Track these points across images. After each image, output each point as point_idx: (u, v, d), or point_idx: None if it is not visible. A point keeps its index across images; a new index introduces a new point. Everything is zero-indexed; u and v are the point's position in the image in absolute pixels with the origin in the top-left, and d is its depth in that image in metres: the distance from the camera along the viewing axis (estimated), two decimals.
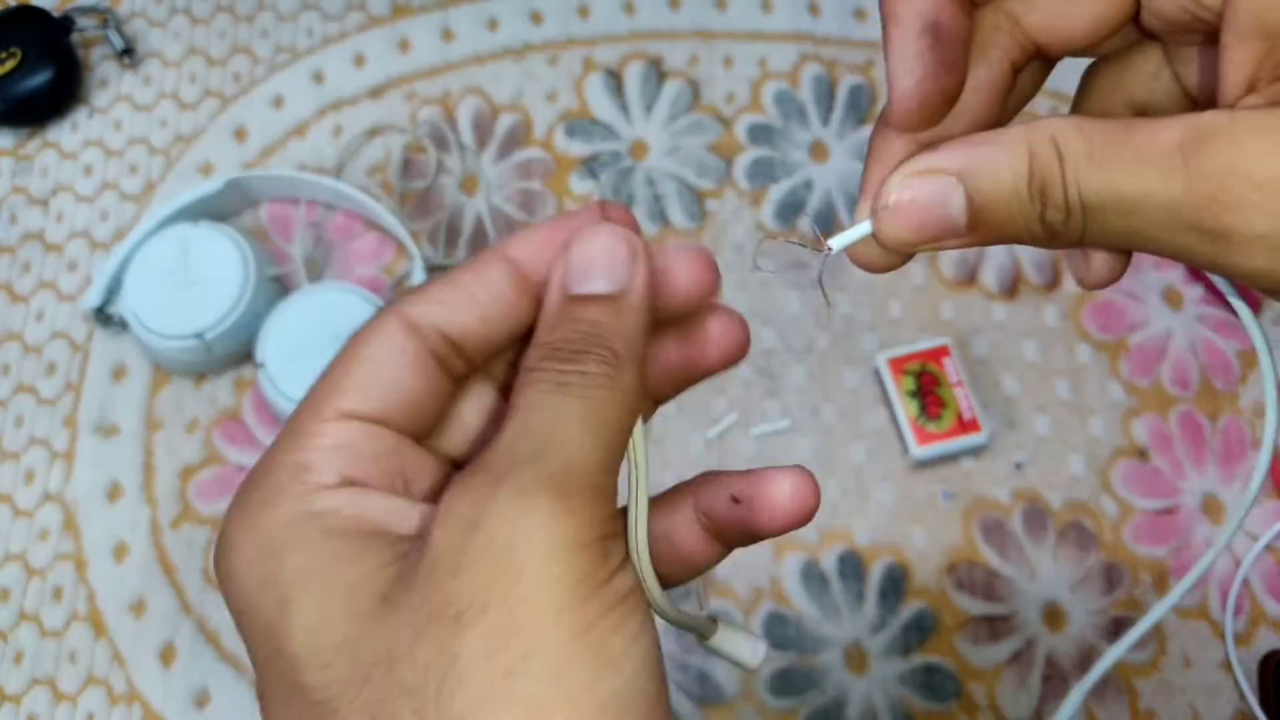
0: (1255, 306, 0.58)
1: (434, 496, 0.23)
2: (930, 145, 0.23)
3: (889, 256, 0.24)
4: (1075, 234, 0.22)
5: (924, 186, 0.23)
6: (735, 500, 0.25)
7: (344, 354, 0.23)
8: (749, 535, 0.25)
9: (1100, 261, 0.26)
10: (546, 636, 0.19)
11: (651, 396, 0.27)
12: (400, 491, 0.23)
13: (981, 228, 0.23)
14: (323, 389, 0.23)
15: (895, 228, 0.23)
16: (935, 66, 0.23)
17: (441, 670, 0.19)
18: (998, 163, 0.22)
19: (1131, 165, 0.21)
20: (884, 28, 0.23)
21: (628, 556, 0.22)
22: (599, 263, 0.23)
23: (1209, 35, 0.23)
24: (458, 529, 0.20)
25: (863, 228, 0.24)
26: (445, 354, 0.24)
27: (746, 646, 0.28)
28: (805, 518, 0.25)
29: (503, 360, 0.26)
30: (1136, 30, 0.25)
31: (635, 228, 0.24)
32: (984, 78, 0.24)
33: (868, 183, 0.25)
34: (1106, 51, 0.26)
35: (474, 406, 0.26)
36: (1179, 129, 0.21)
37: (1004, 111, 0.26)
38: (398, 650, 0.19)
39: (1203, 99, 0.25)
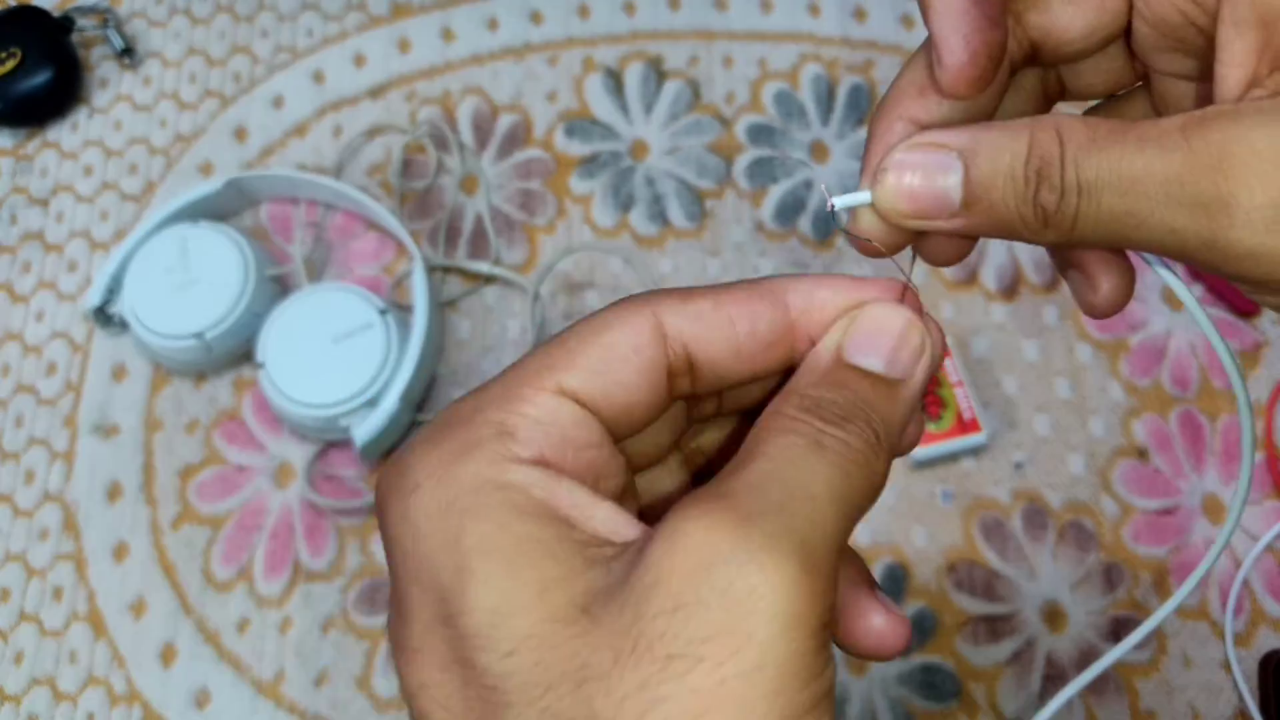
0: (1255, 307, 0.58)
1: (619, 501, 0.22)
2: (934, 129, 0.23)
3: (888, 234, 0.24)
4: (1067, 220, 0.22)
5: (924, 158, 0.23)
6: None
7: (582, 328, 0.22)
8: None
9: (1107, 285, 0.25)
10: (755, 714, 0.18)
11: None
12: (590, 486, 0.22)
13: (974, 207, 0.23)
14: (549, 356, 0.22)
15: (893, 197, 0.23)
16: (981, 21, 0.23)
17: (639, 710, 0.18)
18: (999, 144, 0.22)
19: (1133, 145, 0.21)
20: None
21: (831, 643, 0.21)
22: (888, 341, 0.23)
23: (1197, 59, 0.24)
24: (689, 561, 0.19)
25: (864, 194, 0.24)
26: (681, 371, 0.23)
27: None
28: (880, 658, 0.24)
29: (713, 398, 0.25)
30: (1126, 53, 0.25)
31: (926, 321, 0.24)
32: None
33: (868, 163, 0.25)
34: (1102, 93, 0.26)
35: (668, 429, 0.25)
36: (1181, 118, 0.21)
37: (1000, 114, 0.26)
38: (593, 669, 0.18)
39: None
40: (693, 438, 0.27)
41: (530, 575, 0.19)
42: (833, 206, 0.25)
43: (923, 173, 0.23)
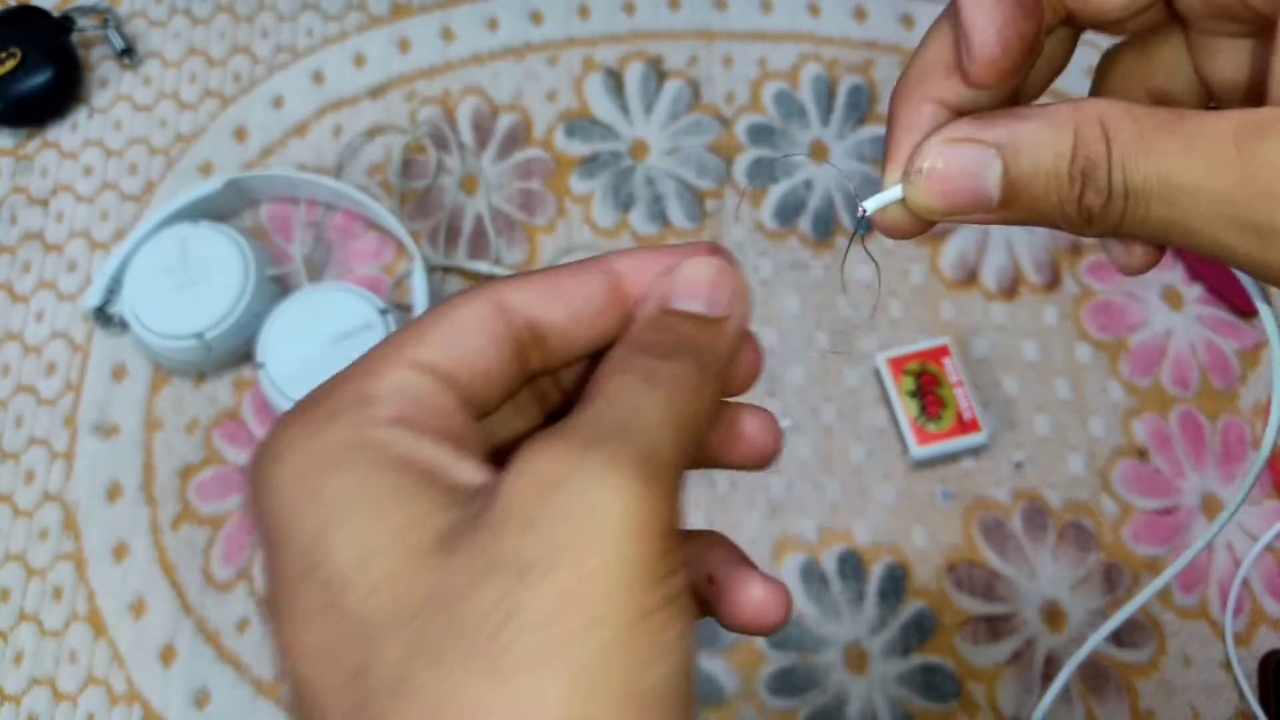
0: (1255, 307, 0.58)
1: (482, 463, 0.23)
2: (966, 114, 0.23)
3: (915, 223, 0.24)
4: (1112, 221, 0.22)
5: (961, 154, 0.22)
6: (710, 580, 0.25)
7: (429, 313, 0.24)
8: (709, 614, 0.25)
9: (1142, 250, 0.25)
10: (611, 612, 0.19)
11: None
12: (451, 447, 0.23)
13: (1014, 204, 0.22)
14: (400, 337, 0.23)
15: (926, 195, 0.23)
16: (1015, 9, 0.22)
17: (499, 620, 0.19)
18: (1041, 139, 0.22)
19: (1183, 152, 0.20)
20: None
21: (680, 562, 0.22)
22: (704, 287, 0.24)
23: (1245, 24, 0.23)
24: (536, 486, 0.20)
25: (894, 192, 0.24)
26: (527, 342, 0.24)
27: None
28: (765, 630, 0.25)
29: (554, 382, 0.27)
30: (1166, 11, 0.24)
31: (739, 273, 0.25)
32: None
33: (895, 149, 0.24)
34: (1131, 33, 0.25)
35: (522, 415, 0.26)
36: (1233, 121, 0.20)
37: (1030, 79, 0.25)
38: (453, 592, 0.19)
39: (1227, 94, 0.25)
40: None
41: (390, 518, 0.20)
42: (864, 211, 0.25)
43: (959, 171, 0.22)
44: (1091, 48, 0.26)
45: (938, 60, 0.24)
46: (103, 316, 0.56)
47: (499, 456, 0.25)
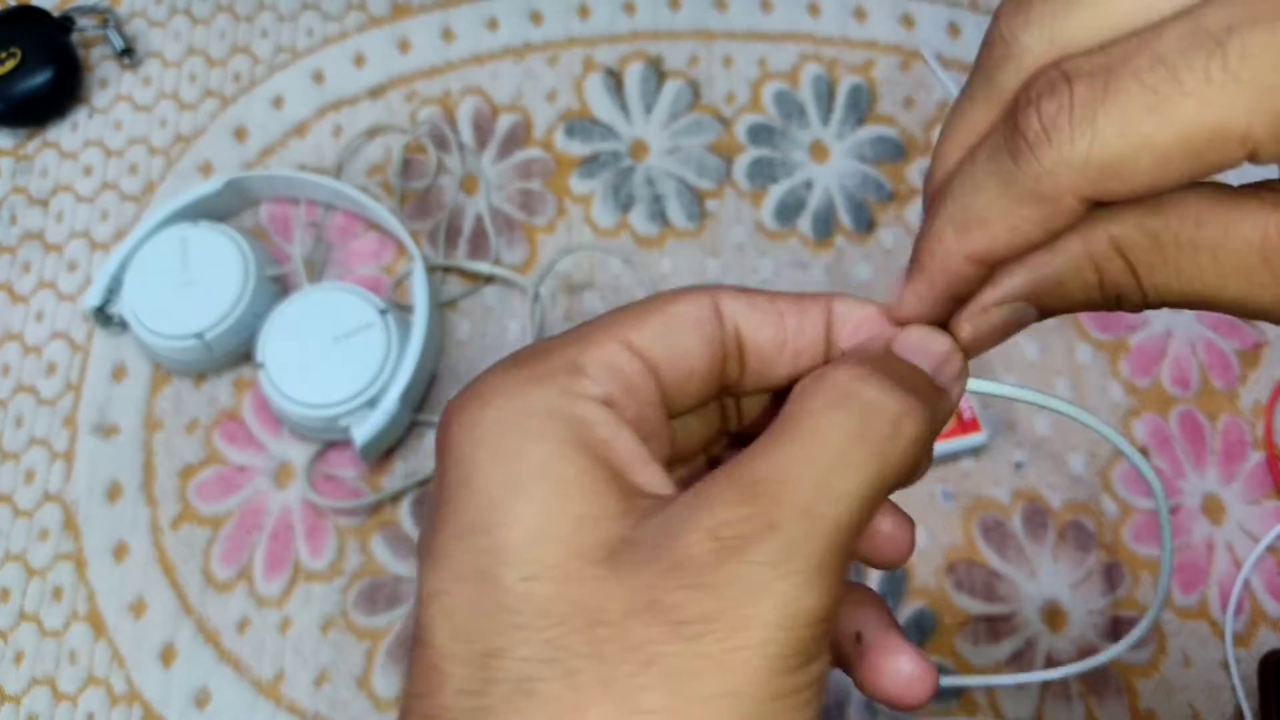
0: None
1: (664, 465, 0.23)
2: (986, 269, 0.23)
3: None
4: (1139, 305, 0.22)
5: (999, 315, 0.23)
6: (858, 638, 0.24)
7: (649, 300, 0.24)
8: (844, 670, 0.25)
9: None
10: (747, 689, 0.19)
11: None
12: (643, 443, 0.23)
13: (1051, 315, 0.23)
14: (617, 318, 0.23)
15: (980, 348, 0.24)
16: (941, 310, 0.24)
17: (642, 660, 0.19)
18: (1065, 283, 0.22)
19: (1213, 274, 0.20)
20: (914, 265, 0.23)
21: (829, 635, 0.22)
22: (933, 354, 0.24)
23: None
24: (712, 544, 0.20)
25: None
26: (732, 354, 0.24)
27: None
28: (905, 706, 0.24)
29: (737, 402, 0.26)
30: None
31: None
32: None
33: (920, 297, 0.24)
34: None
35: (705, 424, 0.26)
36: (1257, 228, 0.19)
37: None
38: (607, 614, 0.19)
39: None
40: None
41: (573, 508, 0.20)
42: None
43: (1003, 328, 0.23)
44: None
45: (970, 210, 0.22)
46: (103, 316, 0.56)
47: (675, 459, 0.26)
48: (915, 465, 0.22)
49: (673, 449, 0.25)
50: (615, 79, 0.64)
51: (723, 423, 0.27)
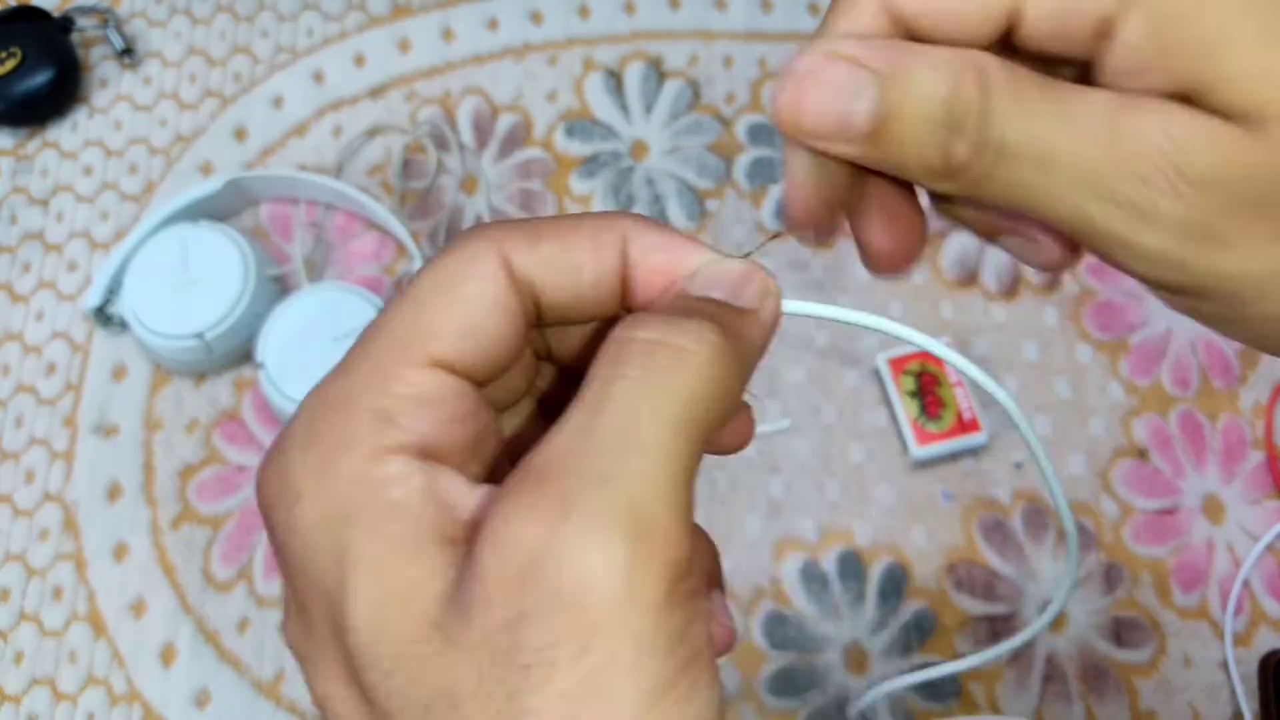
0: None
1: (494, 477, 0.21)
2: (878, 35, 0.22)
3: (816, 184, 0.23)
4: (973, 176, 0.21)
5: (839, 72, 0.21)
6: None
7: (433, 280, 0.21)
8: None
9: (1049, 241, 0.24)
10: (626, 697, 0.17)
11: None
12: (471, 462, 0.21)
13: (878, 140, 0.21)
14: (410, 323, 0.21)
15: (793, 102, 0.21)
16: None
17: None
18: (921, 76, 0.20)
19: (1057, 116, 0.20)
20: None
21: (698, 591, 0.20)
22: (730, 280, 0.22)
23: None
24: (512, 566, 0.18)
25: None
26: (530, 313, 0.22)
27: None
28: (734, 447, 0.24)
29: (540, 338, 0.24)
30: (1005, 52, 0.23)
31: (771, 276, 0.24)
32: None
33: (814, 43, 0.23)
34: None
35: (522, 375, 0.24)
36: (1111, 97, 0.20)
37: None
38: (462, 690, 0.18)
39: None
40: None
41: (398, 584, 0.19)
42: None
43: (833, 88, 0.21)
44: None
45: None
46: (103, 316, 0.56)
47: (502, 407, 0.24)
48: (725, 393, 0.20)
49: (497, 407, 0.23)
50: (615, 79, 0.64)
51: (531, 374, 0.25)
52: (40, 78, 0.61)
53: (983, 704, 0.51)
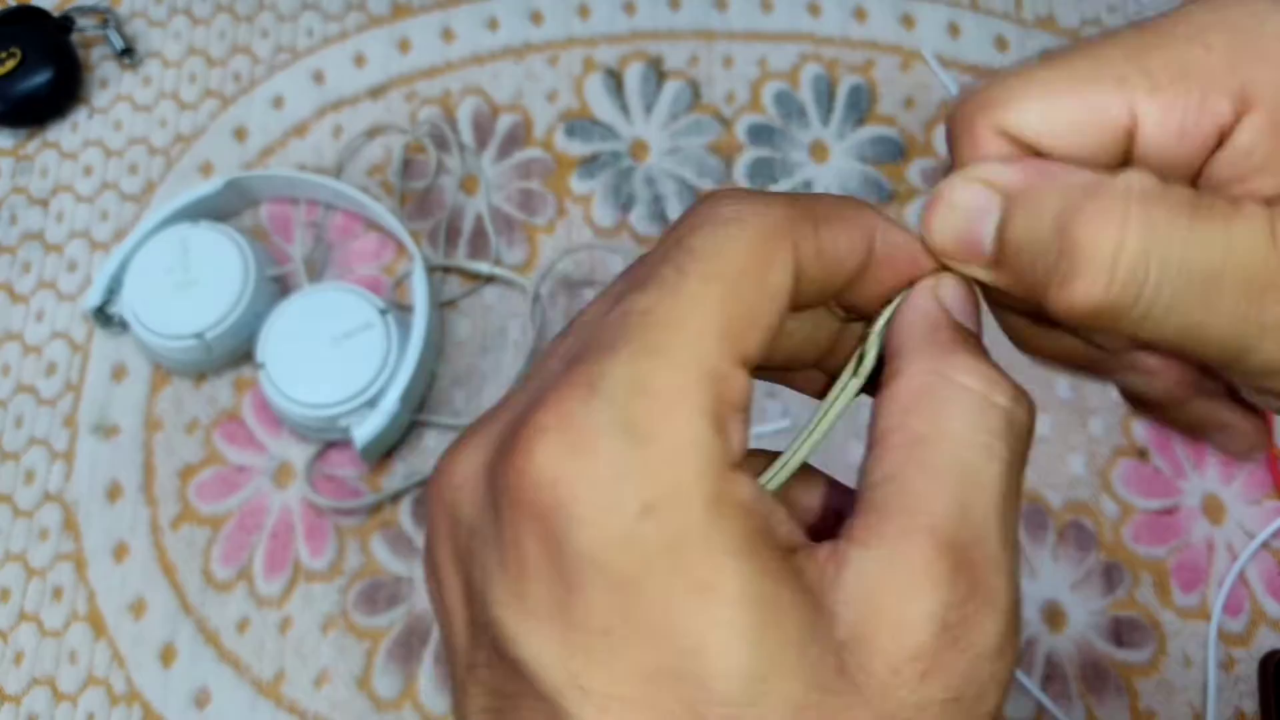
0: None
1: None
2: (1012, 150, 0.21)
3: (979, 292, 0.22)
4: (1111, 309, 0.20)
5: (969, 193, 0.21)
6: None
7: (739, 261, 0.18)
8: None
9: (1242, 428, 0.23)
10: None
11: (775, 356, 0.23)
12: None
13: (1003, 267, 0.20)
14: (728, 309, 0.18)
15: (933, 224, 0.21)
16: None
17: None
18: (1044, 201, 0.19)
19: (1222, 231, 0.18)
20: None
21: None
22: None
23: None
24: (905, 657, 0.17)
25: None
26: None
27: None
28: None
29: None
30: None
31: None
32: None
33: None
34: None
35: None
36: (1256, 205, 0.19)
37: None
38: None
39: None
40: None
41: (785, 626, 0.16)
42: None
43: (964, 208, 0.20)
44: None
45: (1017, 83, 0.21)
46: (103, 316, 0.56)
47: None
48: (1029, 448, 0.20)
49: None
50: (615, 79, 0.64)
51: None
52: (40, 78, 0.61)
53: None
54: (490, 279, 0.59)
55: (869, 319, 0.23)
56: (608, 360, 0.17)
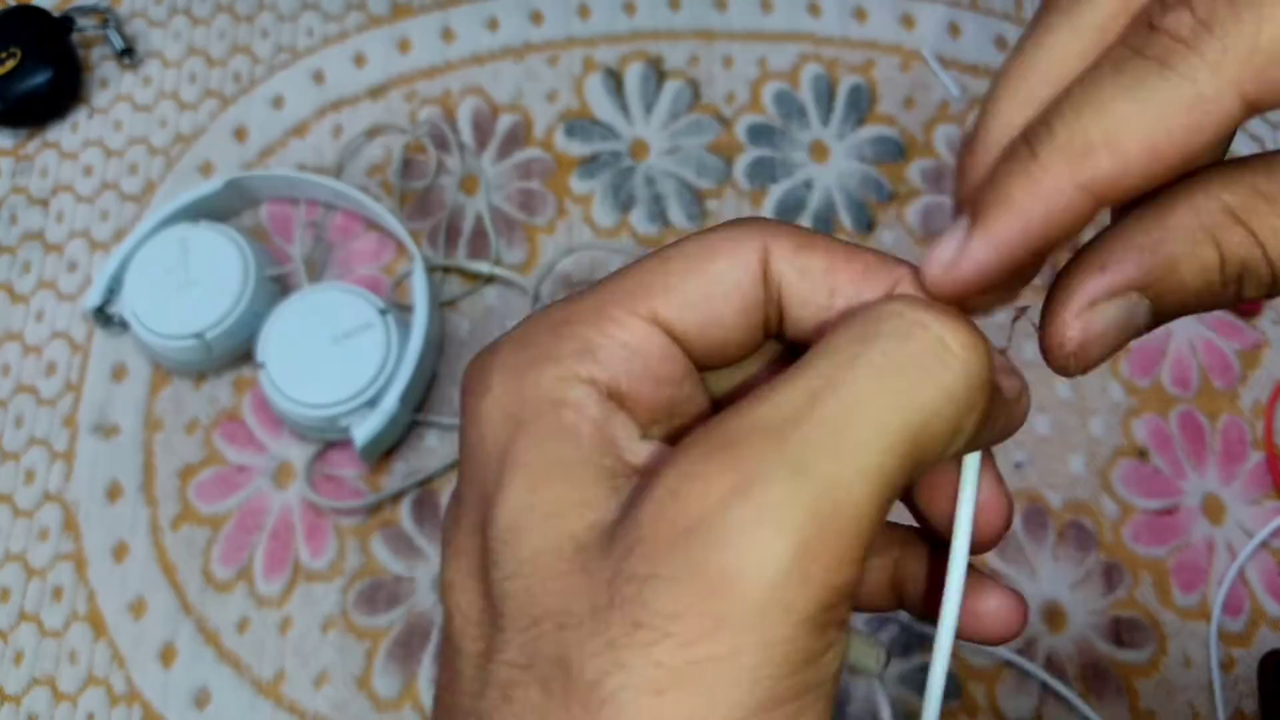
0: (1255, 307, 0.58)
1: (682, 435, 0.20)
2: (1087, 253, 0.20)
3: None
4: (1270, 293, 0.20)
5: (1110, 313, 0.19)
6: (898, 591, 0.23)
7: (687, 250, 0.21)
8: (932, 618, 0.22)
9: None
10: (722, 705, 0.16)
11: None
12: (657, 423, 0.21)
13: (1162, 321, 0.20)
14: (648, 277, 0.20)
15: (1087, 361, 0.20)
16: (1001, 278, 0.20)
17: (602, 668, 0.17)
18: (1182, 267, 0.19)
19: None
20: (990, 206, 0.19)
21: (845, 622, 0.18)
22: (1000, 369, 0.21)
23: None
24: (673, 523, 0.17)
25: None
26: (772, 317, 0.21)
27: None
28: (999, 640, 0.23)
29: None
30: None
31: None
32: None
33: (992, 224, 0.20)
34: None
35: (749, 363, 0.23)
36: None
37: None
38: (572, 616, 0.17)
39: None
40: None
41: (547, 495, 0.19)
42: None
43: (1113, 328, 0.20)
44: None
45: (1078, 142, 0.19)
46: (103, 316, 0.56)
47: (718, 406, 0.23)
48: (955, 429, 0.18)
49: (715, 396, 0.23)
50: (615, 79, 0.64)
51: (768, 352, 0.23)
52: (40, 78, 0.61)
53: (983, 704, 0.51)
54: (490, 279, 0.59)
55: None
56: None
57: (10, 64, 0.60)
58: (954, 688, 0.52)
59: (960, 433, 0.18)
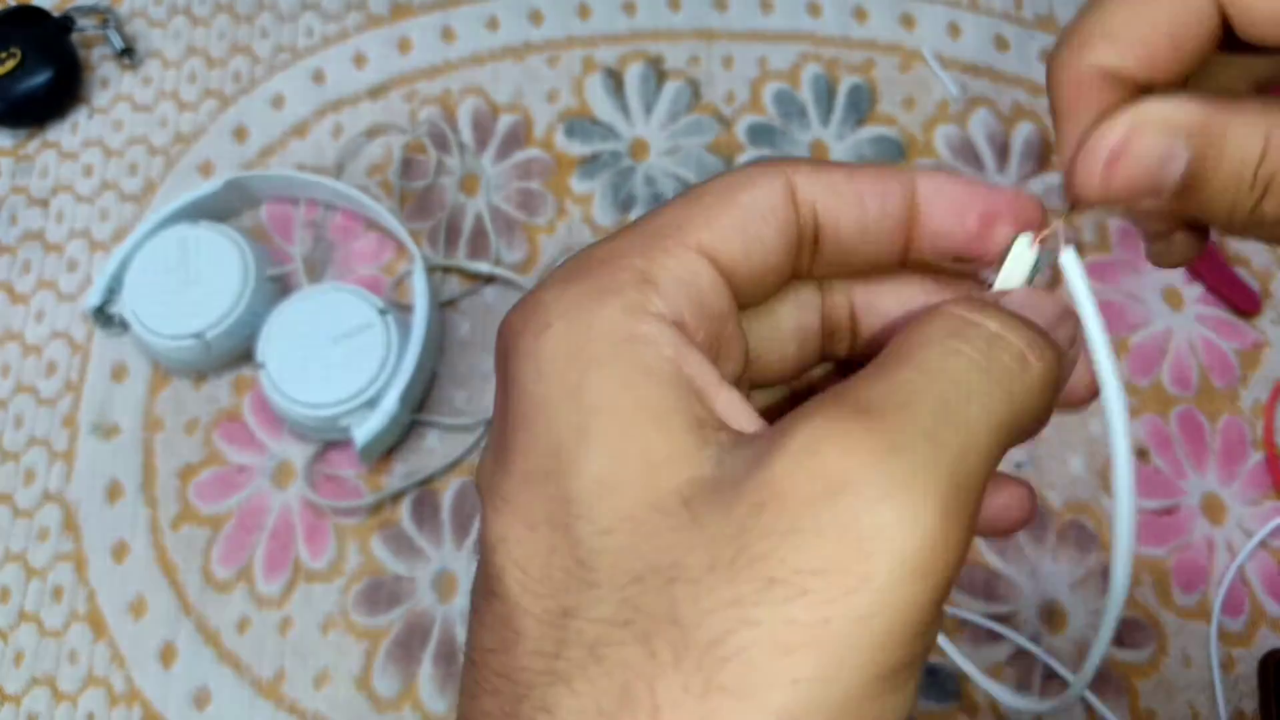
0: (1255, 307, 0.58)
1: (738, 386, 0.20)
2: (1142, 91, 0.21)
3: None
4: (1266, 220, 0.21)
5: (1150, 141, 0.20)
6: None
7: (716, 186, 0.21)
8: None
9: (1182, 242, 0.24)
10: (848, 669, 0.16)
11: None
12: (716, 365, 0.20)
13: (1187, 198, 0.21)
14: (686, 211, 0.20)
15: (1104, 180, 0.21)
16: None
17: (723, 627, 0.16)
18: (1234, 136, 0.20)
19: None
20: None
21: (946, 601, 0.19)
22: (1046, 313, 0.21)
23: None
24: (814, 482, 0.17)
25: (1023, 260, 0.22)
26: (807, 241, 0.21)
27: None
28: (1013, 530, 0.23)
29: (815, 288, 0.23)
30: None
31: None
32: None
33: (1068, 129, 0.22)
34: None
35: (785, 325, 0.23)
36: None
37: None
38: (685, 571, 0.17)
39: None
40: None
41: (640, 447, 0.18)
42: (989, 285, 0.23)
43: (1147, 156, 0.21)
44: None
45: (1102, 28, 0.22)
46: (103, 316, 0.56)
47: (755, 383, 0.23)
48: (1040, 415, 0.20)
49: (751, 369, 0.23)
50: (615, 79, 0.64)
51: (808, 352, 0.24)
52: (40, 78, 0.61)
53: (983, 704, 0.51)
54: (490, 279, 0.59)
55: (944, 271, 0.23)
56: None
57: (10, 64, 0.60)
58: (954, 688, 0.52)
59: (1036, 423, 0.20)
